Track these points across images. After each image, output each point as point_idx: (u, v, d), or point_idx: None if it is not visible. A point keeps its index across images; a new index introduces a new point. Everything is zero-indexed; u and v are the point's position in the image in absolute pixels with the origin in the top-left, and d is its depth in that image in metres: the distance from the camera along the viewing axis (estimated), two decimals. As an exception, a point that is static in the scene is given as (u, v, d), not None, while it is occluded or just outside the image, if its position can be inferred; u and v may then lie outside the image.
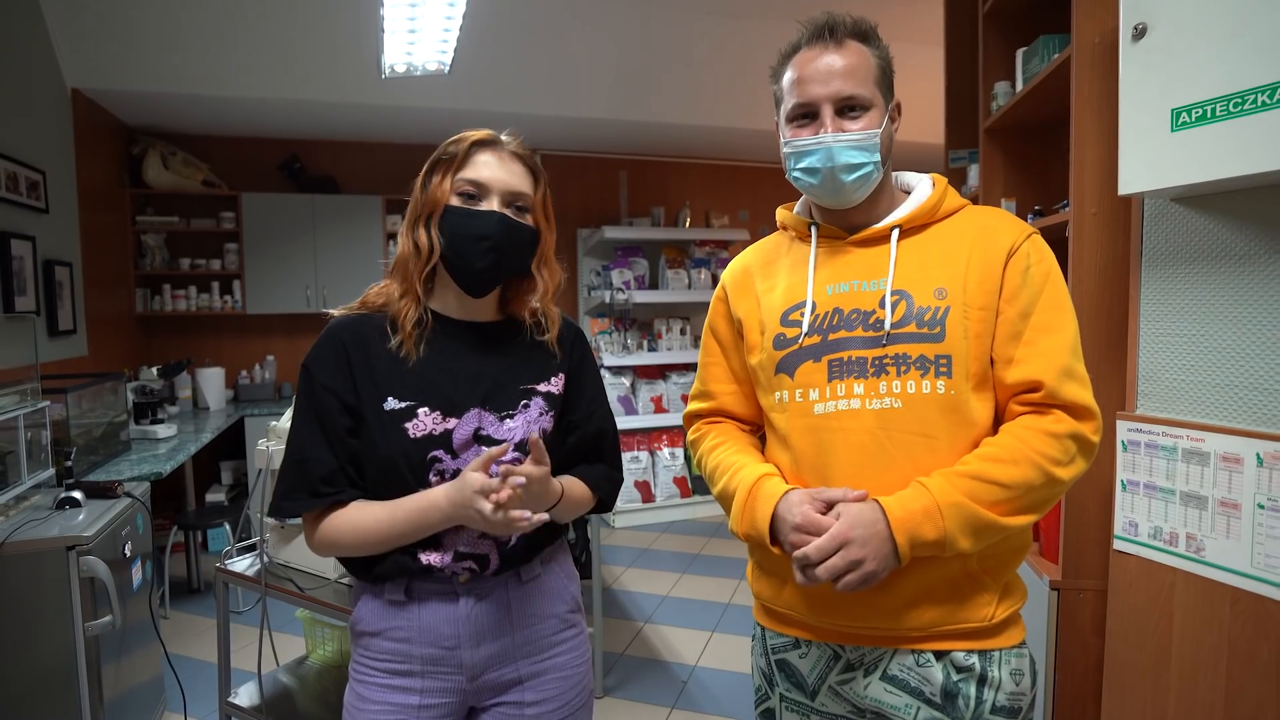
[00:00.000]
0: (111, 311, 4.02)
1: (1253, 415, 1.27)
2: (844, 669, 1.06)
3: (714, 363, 1.20)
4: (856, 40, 1.04)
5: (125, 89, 3.71)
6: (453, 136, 1.10)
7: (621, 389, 5.00)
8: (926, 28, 3.55)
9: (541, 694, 1.13)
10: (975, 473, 0.95)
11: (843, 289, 1.05)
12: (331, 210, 4.62)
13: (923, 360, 0.99)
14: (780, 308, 1.09)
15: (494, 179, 1.07)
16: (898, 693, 1.02)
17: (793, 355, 1.05)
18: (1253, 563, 1.25)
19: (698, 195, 5.69)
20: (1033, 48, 1.92)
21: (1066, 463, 0.95)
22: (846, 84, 1.01)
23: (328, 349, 1.09)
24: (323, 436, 1.05)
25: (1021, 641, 1.05)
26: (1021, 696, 1.02)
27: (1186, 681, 1.35)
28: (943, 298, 1.00)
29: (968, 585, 1.00)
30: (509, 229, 1.08)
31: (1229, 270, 1.29)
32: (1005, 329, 0.99)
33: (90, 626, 2.01)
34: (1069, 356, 0.97)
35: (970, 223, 1.06)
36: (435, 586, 1.09)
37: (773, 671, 1.14)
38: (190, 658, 2.96)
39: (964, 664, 1.00)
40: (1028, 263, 1.00)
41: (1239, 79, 1.14)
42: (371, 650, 1.10)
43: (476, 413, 1.08)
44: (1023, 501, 0.95)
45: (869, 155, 1.02)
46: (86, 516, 2.11)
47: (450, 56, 3.10)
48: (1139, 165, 1.31)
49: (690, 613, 3.51)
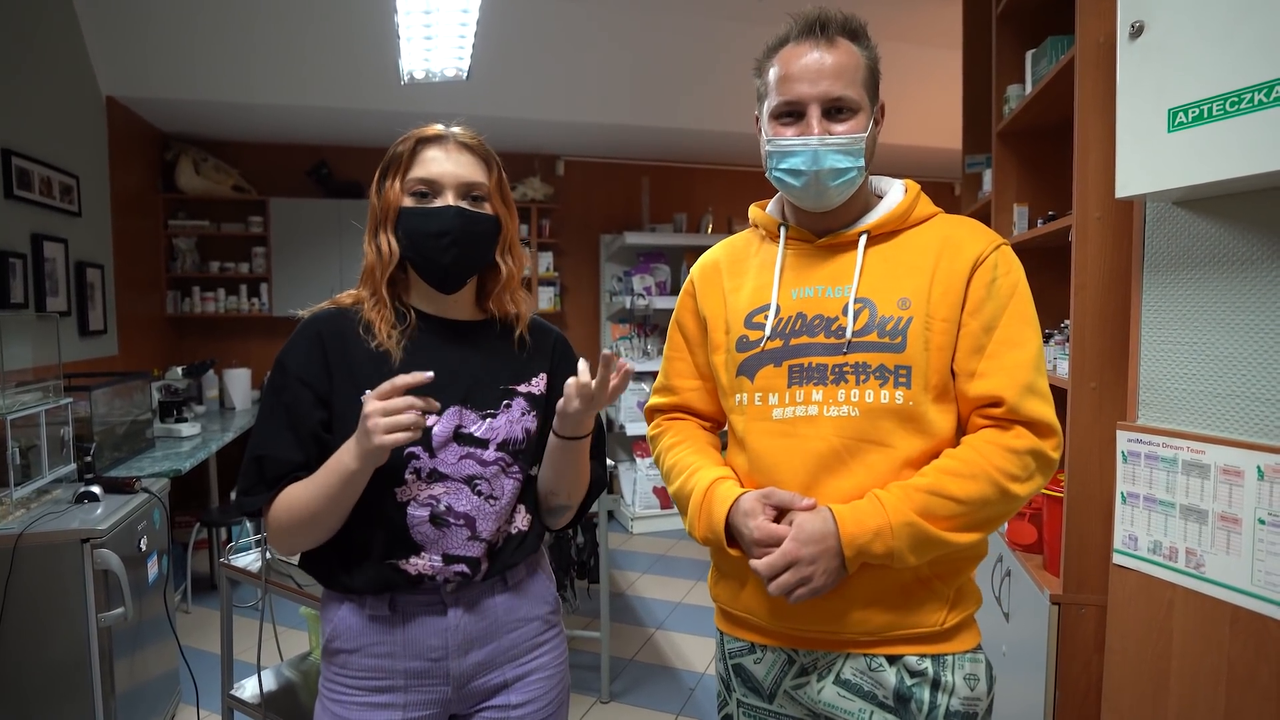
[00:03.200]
0: (143, 312, 4.15)
1: (1254, 427, 1.22)
2: (798, 673, 1.06)
3: (678, 358, 1.20)
4: (847, 38, 1.01)
5: (158, 96, 3.83)
6: (401, 137, 1.09)
7: (642, 395, 5.00)
8: (948, 31, 3.50)
9: (527, 695, 1.13)
10: (931, 486, 0.94)
11: (807, 294, 1.04)
12: (357, 215, 4.64)
13: (882, 370, 0.98)
14: (745, 309, 1.08)
15: (444, 174, 1.06)
16: (851, 697, 1.02)
17: (754, 358, 1.05)
18: (1253, 580, 1.20)
19: (721, 201, 5.68)
20: (1041, 49, 1.88)
21: (1024, 479, 0.95)
22: (836, 84, 0.98)
23: (304, 342, 1.07)
24: (290, 433, 1.03)
25: (976, 646, 1.04)
26: (976, 702, 1.01)
27: (1186, 704, 1.30)
28: (906, 308, 0.99)
29: (919, 590, 1.00)
30: (466, 220, 1.06)
31: (1231, 276, 1.25)
32: (968, 341, 0.98)
33: (103, 618, 2.06)
34: (1031, 372, 0.97)
35: (938, 232, 1.04)
36: (423, 599, 1.06)
37: (730, 677, 1.14)
38: (209, 652, 3.02)
39: (917, 668, 1.00)
40: (994, 274, 0.99)
41: (1236, 77, 1.10)
42: (349, 669, 1.06)
43: (457, 410, 1.07)
44: (976, 517, 0.95)
45: (854, 160, 1.00)
46: (103, 511, 2.17)
47: (468, 62, 3.14)
48: (1136, 167, 1.27)
49: (703, 620, 3.48)
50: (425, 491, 1.05)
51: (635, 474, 4.89)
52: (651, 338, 5.15)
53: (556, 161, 5.28)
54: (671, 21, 3.79)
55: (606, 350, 0.98)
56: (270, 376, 1.07)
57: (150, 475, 2.63)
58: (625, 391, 4.95)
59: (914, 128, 4.31)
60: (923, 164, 4.96)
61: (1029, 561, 1.80)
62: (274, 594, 1.84)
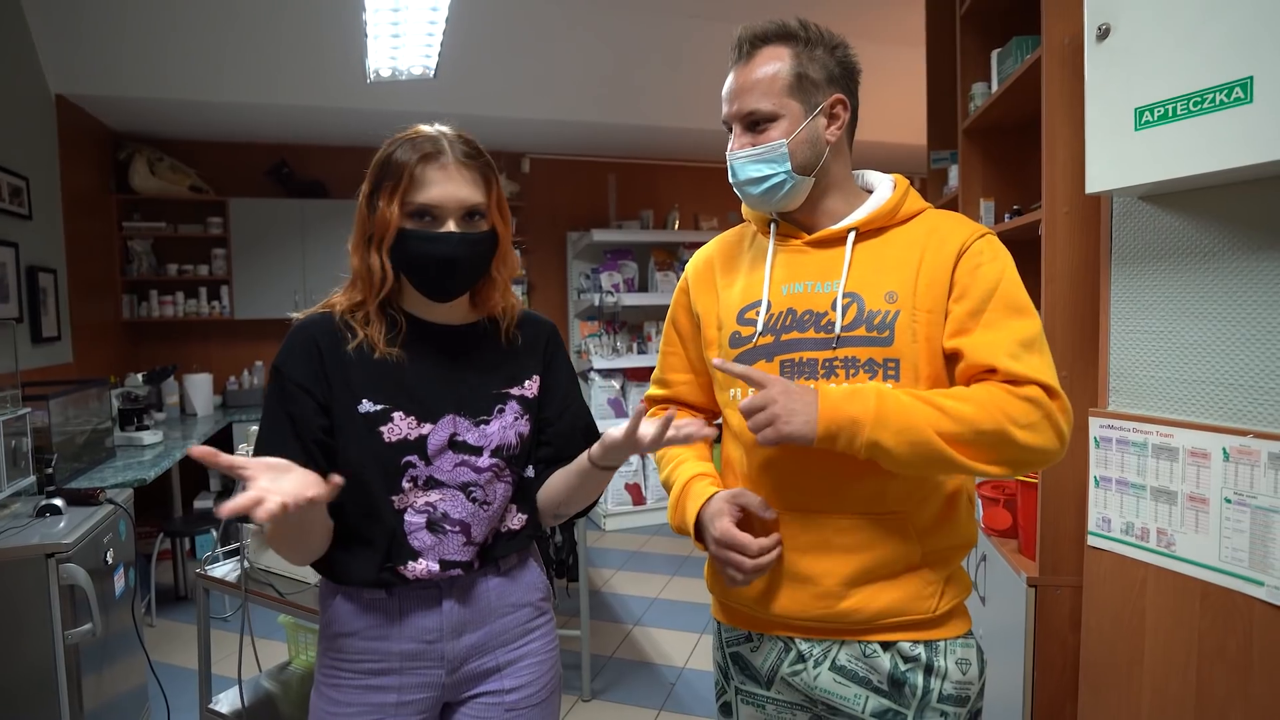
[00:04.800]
0: (97, 318, 4.01)
1: (1219, 410, 1.28)
2: (795, 660, 1.08)
3: (673, 353, 1.23)
4: (776, 44, 1.03)
5: (110, 95, 3.71)
6: (393, 141, 1.03)
7: (611, 391, 5.00)
8: (910, 29, 3.57)
9: (520, 679, 1.14)
10: (926, 398, 0.94)
11: (797, 289, 1.06)
12: (320, 215, 4.62)
13: (871, 363, 1.00)
14: (737, 305, 1.10)
15: (446, 199, 1.01)
16: (847, 683, 1.05)
17: (747, 354, 1.07)
18: (1220, 557, 1.26)
19: (686, 198, 5.71)
20: (1006, 49, 1.93)
21: (1025, 425, 0.92)
22: (748, 100, 1.03)
23: (300, 348, 1.05)
24: (296, 441, 1.01)
25: (967, 632, 1.07)
26: (969, 685, 1.04)
27: (1159, 676, 1.36)
28: (893, 301, 1.01)
29: (911, 579, 1.02)
30: (468, 245, 1.04)
31: (1195, 267, 1.30)
32: (953, 326, 1.00)
33: (70, 635, 1.99)
34: (1017, 345, 0.95)
35: (925, 226, 1.06)
36: (418, 589, 1.07)
37: (728, 665, 1.17)
38: (176, 666, 2.94)
39: (910, 654, 1.03)
40: (978, 261, 1.00)
41: (1198, 78, 1.15)
42: (346, 651, 1.08)
43: (451, 418, 1.07)
44: (969, 435, 0.91)
45: (774, 166, 1.03)
46: (67, 524, 2.10)
47: (435, 60, 3.10)
48: (1105, 163, 1.32)
49: (680, 615, 3.51)
50: (422, 499, 1.06)
51: (608, 471, 4.90)
52: (620, 334, 5.15)
53: (521, 159, 5.25)
54: (636, 19, 3.80)
55: (671, 411, 0.99)
56: (270, 384, 1.05)
57: (114, 486, 2.55)
58: (595, 389, 4.94)
59: (876, 124, 4.36)
60: (885, 160, 5.02)
61: (1004, 546, 1.85)
62: (251, 603, 1.80)
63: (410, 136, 1.04)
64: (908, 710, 1.02)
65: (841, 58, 1.05)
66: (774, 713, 1.12)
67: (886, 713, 1.02)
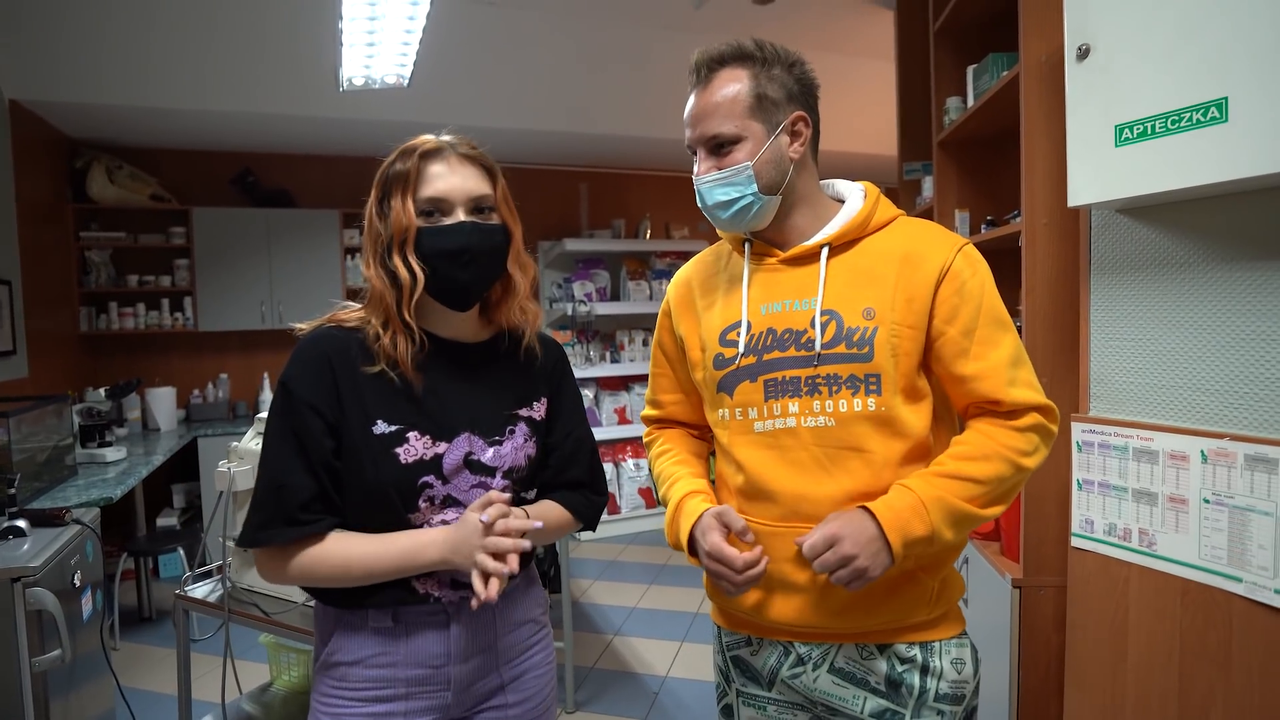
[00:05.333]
0: (54, 331, 3.87)
1: (1197, 414, 1.33)
2: (794, 663, 1.11)
3: (661, 374, 1.26)
4: (734, 66, 1.04)
5: (67, 100, 3.59)
6: (395, 151, 1.04)
7: (585, 400, 4.99)
8: (877, 42, 3.65)
9: (523, 694, 1.15)
10: (952, 472, 0.99)
11: (775, 309, 1.07)
12: (287, 224, 4.53)
13: (853, 379, 1.02)
14: (718, 327, 1.12)
15: (453, 190, 1.02)
16: (845, 684, 1.07)
17: (731, 375, 1.09)
18: (1200, 554, 1.31)
19: (658, 207, 5.74)
20: (982, 65, 1.99)
21: (1031, 452, 1.01)
22: (710, 124, 1.04)
23: (311, 364, 1.01)
24: (302, 459, 0.99)
25: (961, 632, 1.10)
26: (964, 684, 1.07)
27: (1143, 671, 1.41)
28: (870, 318, 1.02)
29: (906, 583, 1.04)
30: (482, 235, 1.04)
31: (1171, 277, 1.36)
32: (950, 348, 1.03)
33: (38, 662, 1.92)
34: (1011, 369, 1.02)
35: (899, 239, 1.07)
36: (426, 609, 1.06)
37: (729, 668, 1.19)
38: (144, 690, 2.85)
39: (906, 655, 1.06)
40: (961, 279, 1.03)
41: (1175, 98, 1.20)
42: (349, 680, 1.05)
43: (466, 437, 1.06)
44: (997, 492, 1.00)
45: (740, 189, 1.04)
46: (32, 546, 2.03)
47: (410, 69, 3.08)
48: (1086, 178, 1.37)
49: (659, 623, 3.51)
50: (438, 517, 1.04)
51: (582, 481, 4.89)
52: (593, 343, 5.15)
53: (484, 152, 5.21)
54: (607, 29, 3.82)
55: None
56: (276, 401, 1.02)
57: (79, 505, 2.47)
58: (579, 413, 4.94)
59: (844, 135, 4.47)
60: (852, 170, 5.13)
61: (987, 549, 1.90)
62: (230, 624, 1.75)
63: (410, 144, 1.05)
64: (905, 710, 1.04)
65: (799, 75, 1.06)
66: (775, 714, 1.14)
67: (884, 713, 1.05)
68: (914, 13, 2.74)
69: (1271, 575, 1.20)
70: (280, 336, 4.67)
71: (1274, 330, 1.21)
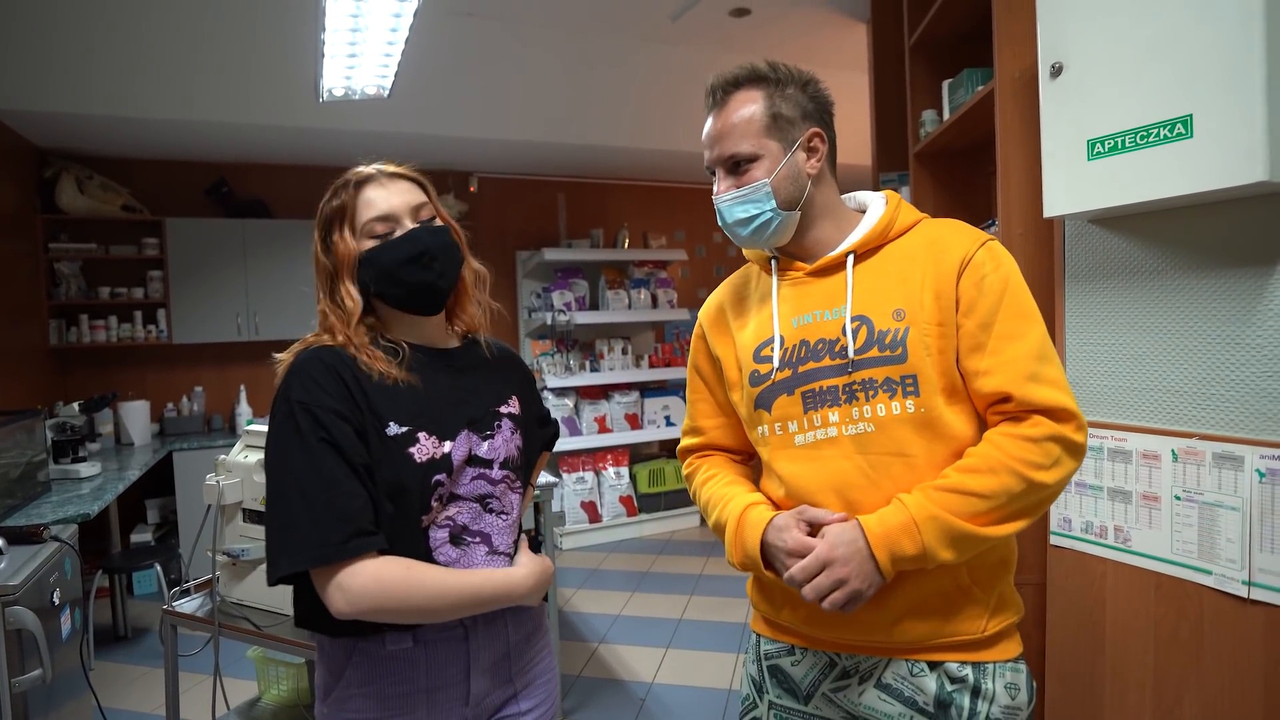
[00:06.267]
0: (22, 345, 3.79)
1: (1167, 415, 1.40)
2: (839, 676, 1.09)
3: (700, 399, 1.24)
4: (745, 88, 1.07)
5: (35, 109, 3.53)
6: (329, 190, 1.10)
7: (565, 410, 5.00)
8: (851, 55, 3.73)
9: (534, 700, 1.18)
10: (952, 485, 0.96)
11: (807, 320, 1.08)
12: (263, 235, 4.49)
13: (889, 382, 1.01)
14: (752, 345, 1.12)
15: (393, 205, 1.08)
16: (891, 701, 1.04)
17: (768, 390, 1.08)
18: (1172, 549, 1.37)
19: (635, 216, 5.78)
20: (957, 80, 2.06)
21: (1049, 466, 0.95)
22: (727, 145, 1.07)
23: (323, 376, 1.00)
24: (345, 468, 0.96)
25: (1018, 655, 1.05)
26: (1017, 711, 1.02)
27: (1119, 663, 1.46)
28: (901, 319, 1.02)
29: (959, 598, 1.02)
30: (434, 235, 1.10)
31: (1141, 285, 1.42)
32: (967, 341, 1.00)
33: (18, 682, 1.88)
34: (1034, 362, 0.98)
35: (923, 238, 1.07)
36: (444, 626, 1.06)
37: (764, 678, 1.16)
38: (123, 710, 2.80)
39: (958, 675, 1.02)
40: (982, 272, 1.01)
41: (1143, 114, 1.27)
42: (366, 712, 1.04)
43: (466, 435, 1.09)
44: (1005, 510, 0.95)
45: (760, 206, 1.06)
46: (9, 564, 1.99)
47: (390, 80, 3.08)
48: (1060, 190, 1.43)
49: (643, 630, 3.53)
50: (444, 514, 1.07)
51: (563, 490, 4.89)
52: (573, 353, 5.17)
53: (470, 178, 5.23)
54: (587, 40, 3.85)
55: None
56: (292, 422, 0.98)
57: (55, 521, 2.42)
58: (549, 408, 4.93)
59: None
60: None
61: (968, 548, 1.95)
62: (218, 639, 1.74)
63: (341, 179, 1.11)
64: None
65: (813, 93, 1.09)
66: None
67: None
68: (888, 27, 2.82)
69: (1239, 567, 1.26)
70: (257, 349, 4.61)
71: (1238, 334, 1.27)
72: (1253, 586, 1.24)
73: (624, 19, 3.62)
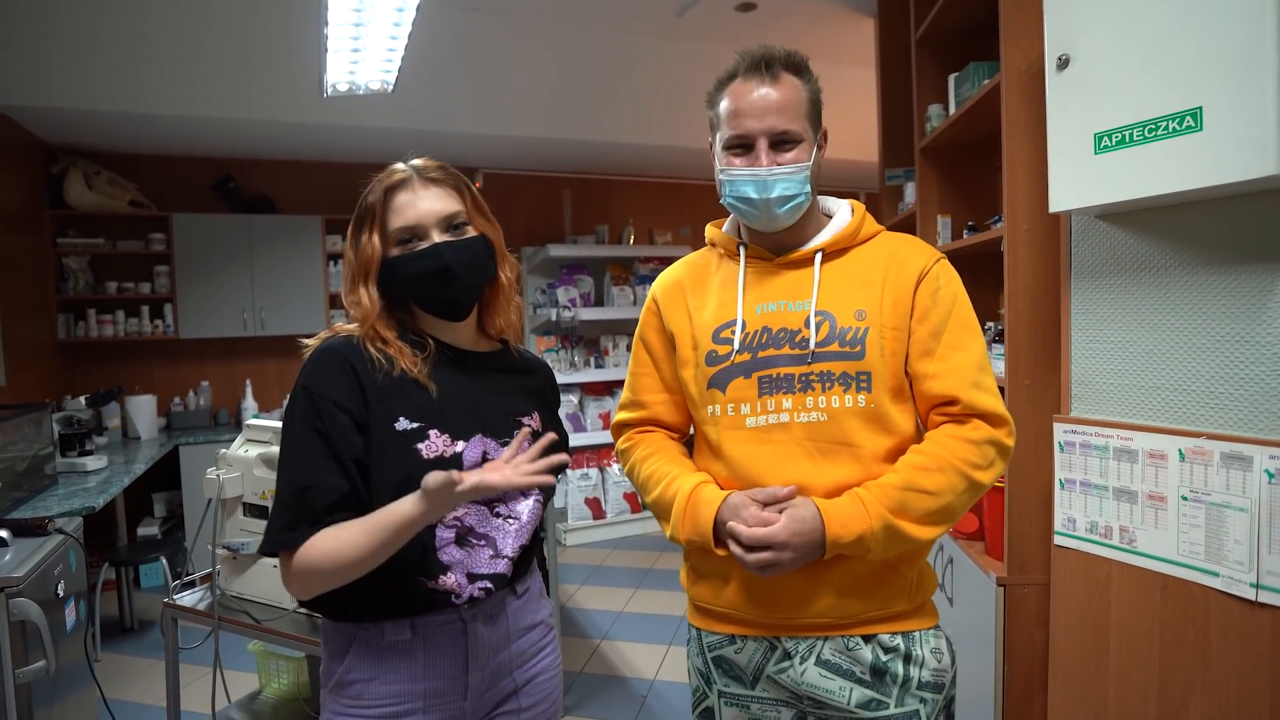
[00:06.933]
0: (31, 339, 3.81)
1: (1174, 414, 1.37)
2: (781, 658, 1.13)
3: (645, 373, 1.25)
4: (790, 73, 1.10)
5: (44, 105, 3.54)
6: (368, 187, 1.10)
7: (569, 406, 5.00)
8: (858, 49, 3.70)
9: (535, 697, 1.18)
10: (905, 483, 1.03)
11: (771, 308, 1.12)
12: (269, 231, 4.50)
13: (845, 376, 1.07)
14: (711, 325, 1.15)
15: (420, 216, 1.07)
16: (832, 676, 1.10)
17: (724, 372, 1.11)
18: (1179, 550, 1.35)
19: (641, 212, 5.76)
20: (964, 73, 2.03)
21: (985, 466, 1.04)
22: (780, 119, 1.07)
23: (333, 366, 1.03)
24: (333, 461, 0.99)
25: (937, 624, 1.15)
26: (944, 673, 1.11)
27: (1124, 665, 1.44)
28: (862, 319, 1.08)
29: (889, 575, 1.09)
30: (457, 250, 1.08)
31: (1149, 281, 1.40)
32: (918, 346, 1.08)
33: (22, 673, 1.89)
34: (977, 372, 1.07)
35: (885, 249, 1.14)
36: (442, 619, 1.06)
37: (710, 670, 1.19)
38: (128, 701, 2.81)
39: (890, 644, 1.09)
40: (937, 285, 1.09)
41: (1151, 107, 1.25)
42: (365, 698, 1.04)
43: (480, 438, 1.09)
44: (947, 507, 1.04)
45: (800, 187, 1.09)
46: (15, 556, 2.00)
47: (394, 76, 3.08)
48: (1066, 185, 1.41)
49: (646, 627, 3.52)
50: (450, 513, 1.06)
51: (567, 486, 4.89)
52: (577, 349, 5.16)
53: (474, 174, 5.22)
54: (592, 36, 3.84)
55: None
56: (295, 407, 1.02)
57: (61, 514, 2.43)
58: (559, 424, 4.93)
59: (826, 142, 4.52)
60: (834, 175, 5.21)
61: (971, 549, 1.93)
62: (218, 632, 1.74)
63: (381, 176, 1.10)
64: (889, 698, 1.08)
65: (819, 93, 1.14)
66: (758, 711, 1.15)
67: (870, 702, 1.08)
68: (895, 21, 2.79)
69: (1247, 569, 1.24)
70: (263, 343, 4.63)
71: (1247, 332, 1.25)
72: (1261, 589, 1.22)
73: (628, 14, 3.60)
